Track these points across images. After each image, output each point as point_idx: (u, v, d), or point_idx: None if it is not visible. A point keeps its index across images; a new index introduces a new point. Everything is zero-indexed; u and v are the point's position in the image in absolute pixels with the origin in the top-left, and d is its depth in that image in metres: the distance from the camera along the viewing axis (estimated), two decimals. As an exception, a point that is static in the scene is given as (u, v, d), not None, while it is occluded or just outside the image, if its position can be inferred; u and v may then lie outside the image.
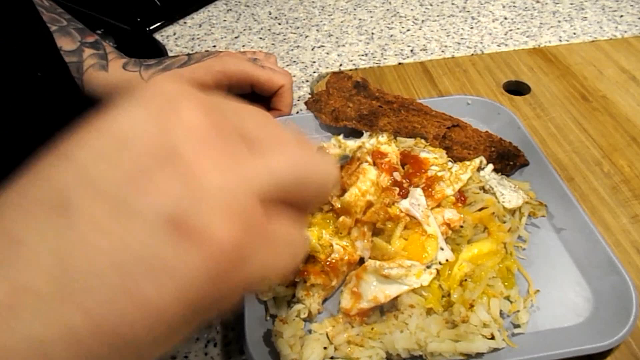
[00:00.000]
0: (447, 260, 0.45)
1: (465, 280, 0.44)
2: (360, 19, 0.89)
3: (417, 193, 0.48)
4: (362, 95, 0.66)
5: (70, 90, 0.58)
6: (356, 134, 0.62)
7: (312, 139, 0.22)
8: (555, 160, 0.60)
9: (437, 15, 0.89)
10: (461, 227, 0.47)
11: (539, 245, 0.50)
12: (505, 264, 0.46)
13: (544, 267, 0.48)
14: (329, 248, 0.46)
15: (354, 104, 0.64)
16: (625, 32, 0.81)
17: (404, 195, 0.49)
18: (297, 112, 0.68)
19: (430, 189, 0.49)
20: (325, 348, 0.41)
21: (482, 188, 0.52)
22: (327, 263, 0.45)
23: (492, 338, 0.41)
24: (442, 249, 0.46)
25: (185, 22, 0.89)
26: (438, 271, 0.45)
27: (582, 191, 0.56)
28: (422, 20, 0.87)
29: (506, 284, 0.45)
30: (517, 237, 0.50)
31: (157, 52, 0.80)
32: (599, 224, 0.52)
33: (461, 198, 0.50)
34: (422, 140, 0.57)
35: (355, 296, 0.44)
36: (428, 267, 0.45)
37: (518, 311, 0.44)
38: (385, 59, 0.78)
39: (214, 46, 0.83)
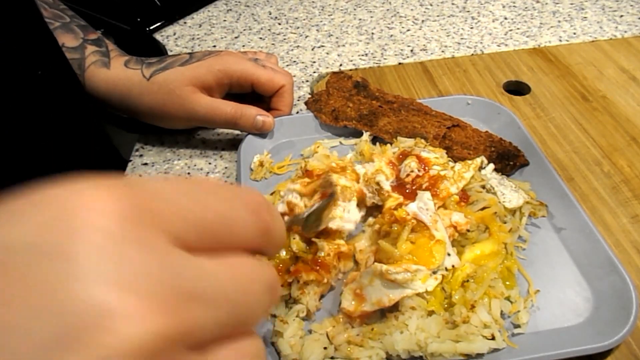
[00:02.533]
0: (453, 266, 0.45)
1: (467, 281, 0.44)
2: (360, 19, 0.89)
3: (425, 197, 0.48)
4: (362, 95, 0.66)
5: (71, 89, 0.58)
6: (356, 134, 0.62)
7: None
8: (555, 160, 0.60)
9: (437, 15, 0.89)
10: (468, 231, 0.47)
11: (539, 245, 0.50)
12: (506, 264, 0.46)
13: (544, 267, 0.48)
14: (314, 247, 0.46)
15: (354, 103, 0.64)
16: (625, 32, 0.81)
17: (411, 196, 0.48)
18: (297, 112, 0.68)
19: (434, 188, 0.49)
20: (325, 348, 0.41)
21: (484, 187, 0.52)
22: (317, 261, 0.45)
23: (493, 338, 0.41)
24: (449, 255, 0.45)
25: (185, 22, 0.89)
26: (443, 275, 0.45)
27: (582, 191, 0.56)
28: (422, 20, 0.87)
29: (507, 284, 0.45)
30: (517, 237, 0.50)
31: (157, 52, 0.80)
32: (599, 224, 0.52)
33: (464, 197, 0.50)
34: (422, 140, 0.57)
35: (358, 298, 0.44)
36: (434, 272, 0.44)
37: (518, 311, 0.44)
38: (385, 59, 0.78)
39: (214, 46, 0.83)
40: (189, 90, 0.58)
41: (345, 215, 0.47)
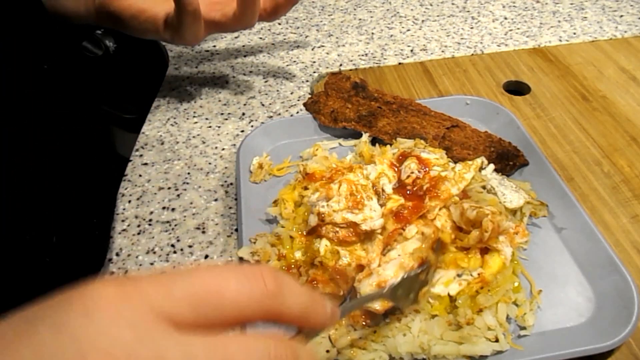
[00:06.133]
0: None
1: (482, 287, 0.44)
2: (360, 19, 0.89)
3: None
4: (360, 96, 0.66)
5: (75, 83, 0.57)
6: (355, 135, 0.62)
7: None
8: (555, 160, 0.60)
9: (437, 15, 0.89)
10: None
11: (540, 245, 0.50)
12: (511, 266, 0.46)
13: (545, 267, 0.48)
14: (336, 255, 0.46)
15: (353, 104, 0.64)
16: (625, 32, 0.81)
17: (412, 198, 0.49)
18: (297, 112, 0.68)
19: (435, 190, 0.49)
20: (327, 351, 0.41)
21: (484, 187, 0.52)
22: (337, 269, 0.45)
23: (497, 341, 0.41)
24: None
25: (184, 22, 0.89)
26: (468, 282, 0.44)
27: (582, 191, 0.56)
28: (422, 20, 0.87)
29: (514, 286, 0.45)
30: (518, 237, 0.50)
31: (157, 52, 0.80)
32: (599, 224, 0.52)
33: (465, 198, 0.50)
34: (422, 141, 0.57)
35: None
36: (459, 275, 0.44)
37: (525, 314, 0.43)
38: (385, 59, 0.78)
39: (214, 46, 0.83)
40: None
41: (373, 215, 0.47)
